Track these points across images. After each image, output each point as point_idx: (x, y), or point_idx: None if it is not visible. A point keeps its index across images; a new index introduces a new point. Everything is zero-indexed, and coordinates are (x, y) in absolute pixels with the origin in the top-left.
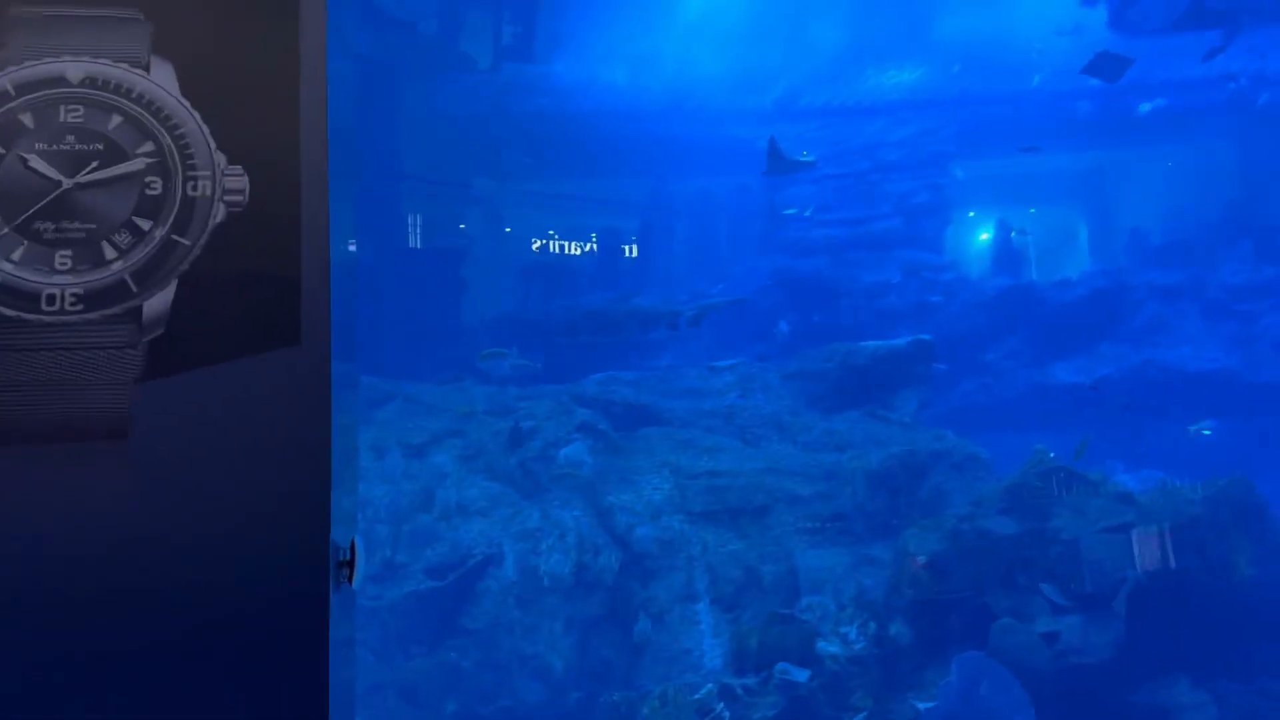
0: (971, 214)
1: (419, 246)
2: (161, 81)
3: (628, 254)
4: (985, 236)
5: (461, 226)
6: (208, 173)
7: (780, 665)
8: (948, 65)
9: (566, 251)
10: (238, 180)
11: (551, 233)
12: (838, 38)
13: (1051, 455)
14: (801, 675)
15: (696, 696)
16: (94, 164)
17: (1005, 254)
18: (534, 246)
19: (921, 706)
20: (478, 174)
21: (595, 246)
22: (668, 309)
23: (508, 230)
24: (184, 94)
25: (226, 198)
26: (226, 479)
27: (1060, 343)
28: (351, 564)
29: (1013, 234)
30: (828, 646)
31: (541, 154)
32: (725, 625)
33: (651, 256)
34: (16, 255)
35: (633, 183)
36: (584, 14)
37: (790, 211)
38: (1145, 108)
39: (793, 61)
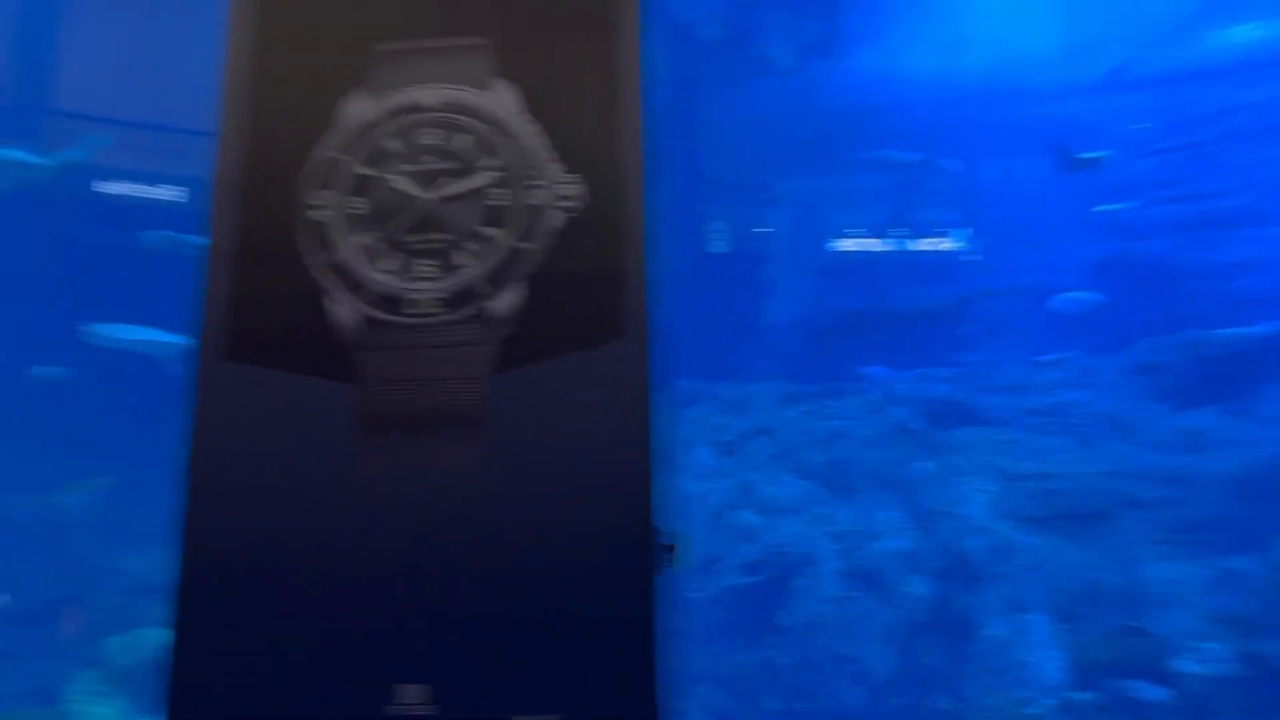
0: None
1: (722, 250)
2: (504, 101)
3: (941, 246)
4: None
5: (763, 229)
6: (546, 182)
7: (1129, 683)
8: None
9: (873, 247)
10: (573, 188)
11: (857, 230)
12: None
13: None
14: (1156, 694)
15: (1032, 710)
16: (448, 180)
17: None
18: (838, 244)
19: None
20: (779, 175)
21: (906, 239)
22: (983, 300)
23: (811, 229)
24: (524, 111)
25: (563, 204)
26: (562, 465)
27: None
28: (674, 549)
29: None
30: (1186, 665)
31: (844, 150)
32: (1062, 637)
33: (972, 246)
34: (388, 266)
35: (946, 171)
36: (889, 3)
37: (1093, 155)
38: None
39: (1123, 27)
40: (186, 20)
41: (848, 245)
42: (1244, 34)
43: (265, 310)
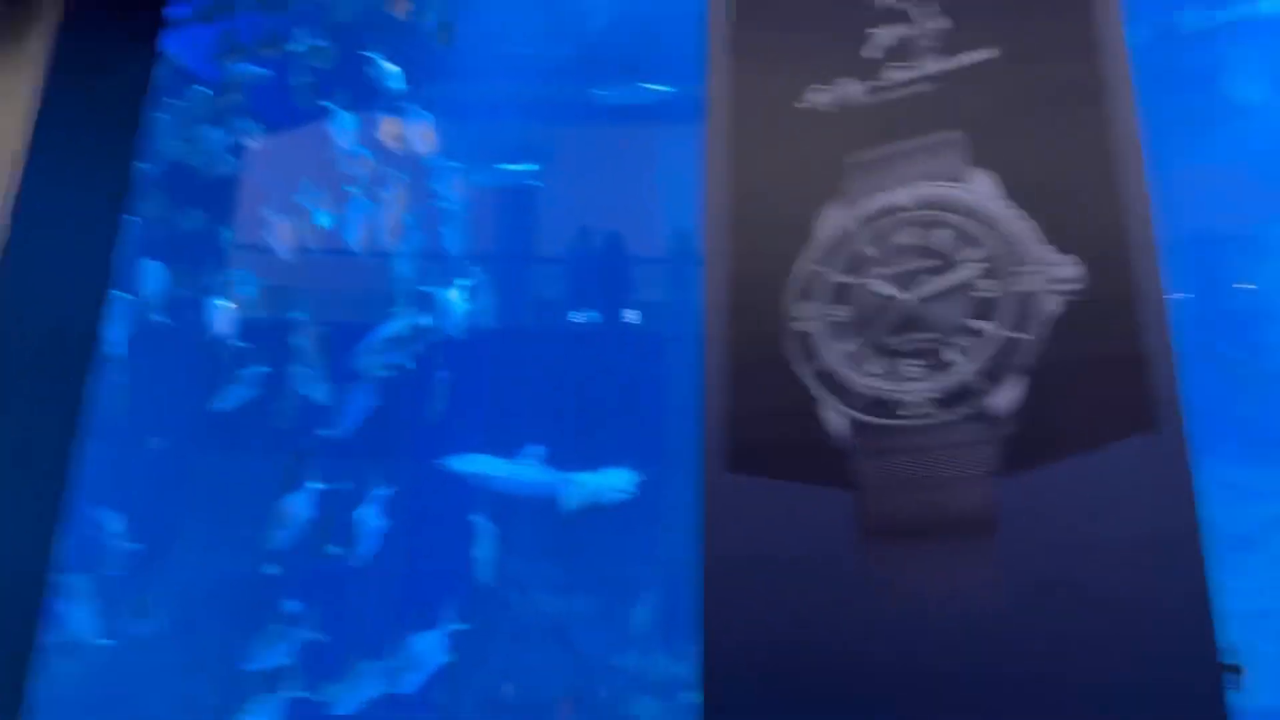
0: None
1: (1210, 309)
2: (982, 191)
3: None
4: None
5: (1250, 286)
6: (1037, 267)
7: None
8: None
9: None
10: (1068, 270)
11: None
12: None
13: None
14: None
15: None
16: (930, 278)
17: None
18: None
19: None
20: (1268, 221)
21: None
22: None
23: None
24: (1006, 196)
25: (1059, 286)
26: (1094, 571)
27: None
28: (1239, 670)
29: None
30: None
31: None
32: None
33: None
34: (876, 370)
35: None
36: None
37: None
38: None
39: None
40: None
41: None
42: None
43: (761, 421)
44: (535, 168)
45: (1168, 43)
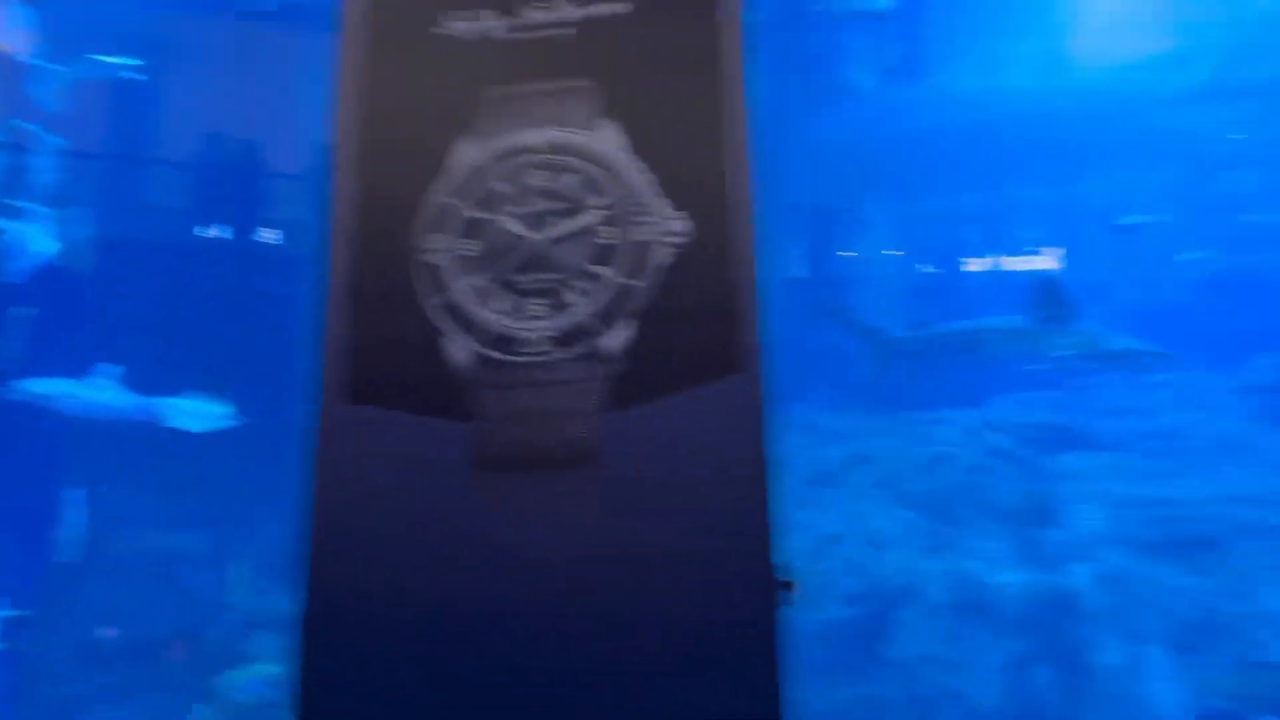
0: None
1: (811, 273)
2: (610, 140)
3: (1034, 265)
4: None
5: (850, 253)
6: (654, 218)
7: (1265, 719)
8: None
9: (965, 267)
10: (679, 223)
11: (948, 250)
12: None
13: None
14: None
15: None
16: (558, 220)
17: None
18: (929, 266)
19: None
20: (867, 197)
21: (998, 259)
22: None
23: (896, 253)
24: (631, 149)
25: (671, 239)
26: (679, 503)
27: None
28: (791, 586)
29: None
30: None
31: (933, 171)
32: (1184, 671)
33: (1068, 264)
34: (500, 306)
35: (1041, 189)
36: (976, 24)
37: (1133, 219)
38: None
39: (1219, 35)
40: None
41: (937, 267)
42: None
43: (382, 352)
44: (138, 61)
45: (795, 23)
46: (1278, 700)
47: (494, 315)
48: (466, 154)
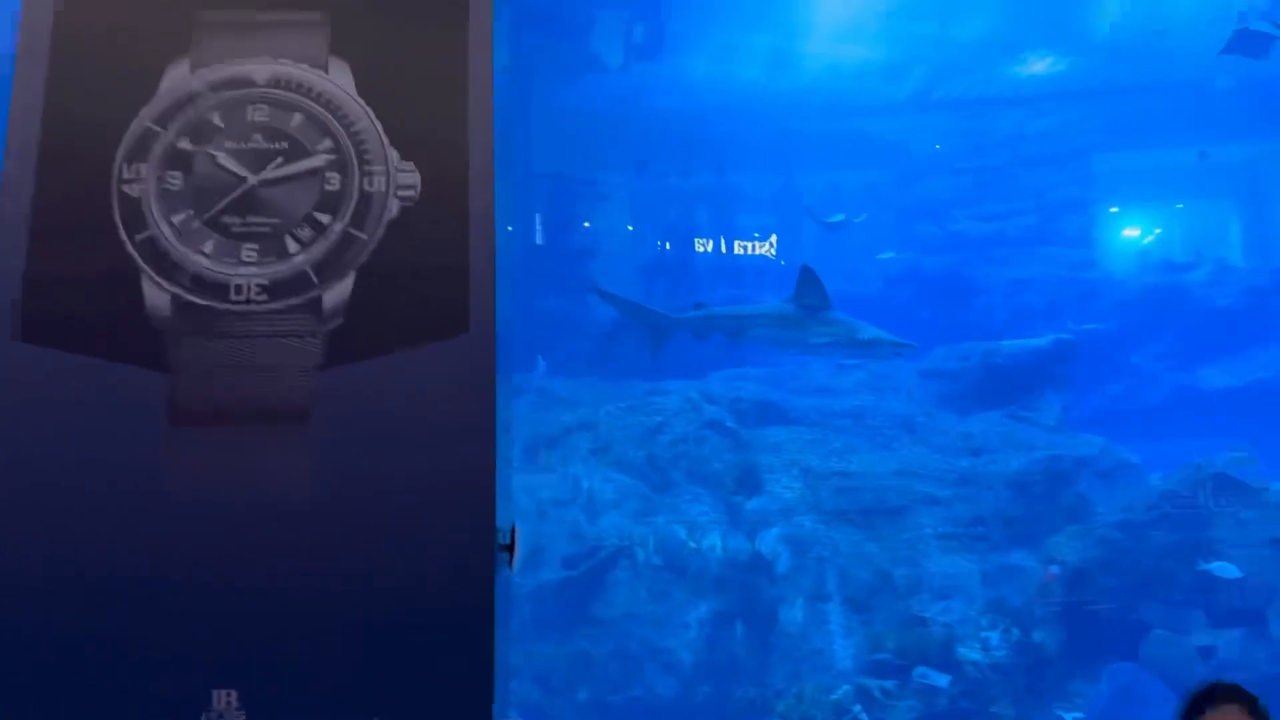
0: (1115, 209)
1: (549, 242)
2: (339, 81)
3: (756, 250)
4: (1131, 233)
5: (586, 224)
6: (382, 168)
7: (919, 669)
8: (1092, 55)
9: (695, 248)
10: (410, 176)
11: (680, 229)
12: (977, 27)
13: (1206, 463)
14: (942, 680)
15: (833, 697)
16: (278, 161)
17: (1149, 251)
18: (662, 242)
19: (1068, 717)
20: (606, 171)
21: (724, 242)
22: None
23: (631, 228)
24: (360, 93)
25: (400, 193)
26: (401, 461)
27: (1210, 345)
28: (512, 548)
29: (1156, 230)
30: (968, 652)
31: (671, 151)
32: (857, 627)
33: (780, 253)
34: (207, 248)
35: (763, 178)
36: (716, 12)
37: (837, 218)
38: None
39: (930, 52)
40: None
41: (669, 244)
42: (1035, 68)
43: (65, 288)
44: None
45: None
46: (930, 652)
47: (201, 258)
48: (179, 79)
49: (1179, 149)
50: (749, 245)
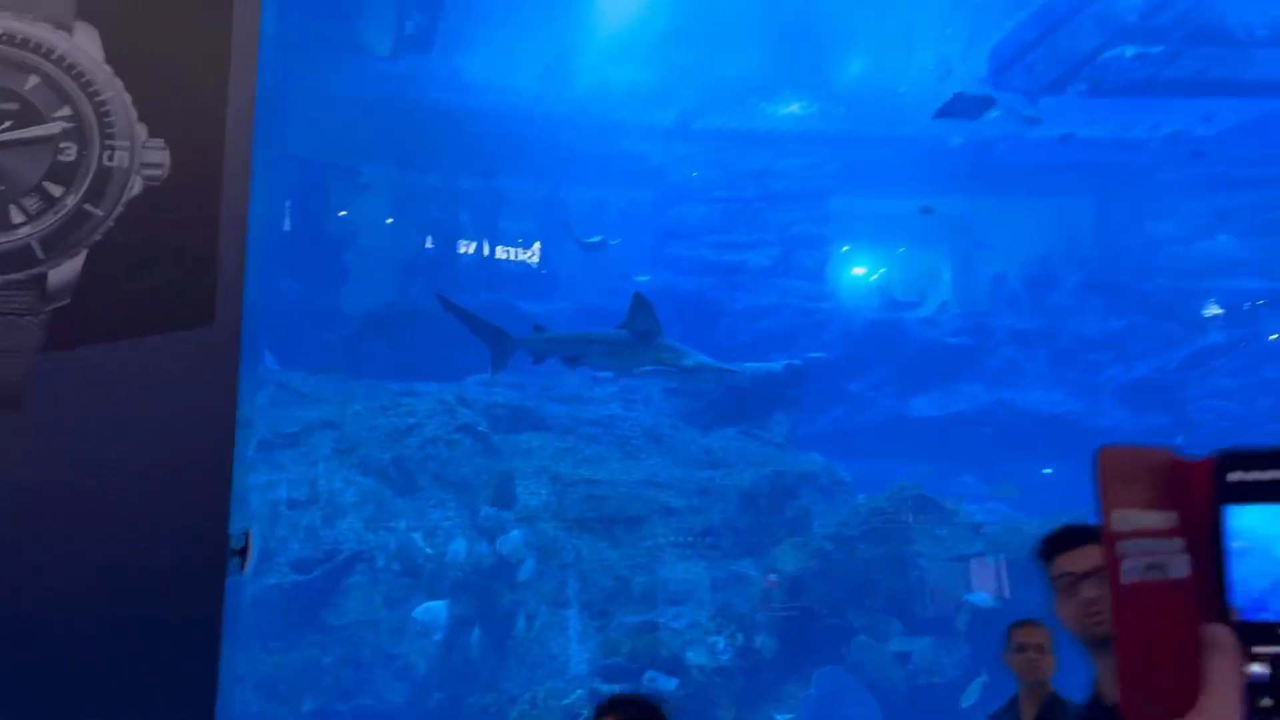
0: (846, 248)
1: (297, 228)
2: (85, 45)
3: (517, 256)
4: (859, 271)
5: (343, 213)
6: (127, 143)
7: (649, 673)
8: (836, 104)
9: (457, 249)
10: (159, 154)
11: (441, 228)
12: (739, 64)
13: (913, 483)
14: (670, 684)
15: (565, 702)
16: (7, 124)
17: (875, 289)
18: (422, 240)
19: (779, 719)
20: (367, 161)
21: (486, 245)
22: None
23: (390, 221)
24: (108, 60)
25: (145, 171)
26: (128, 456)
27: (920, 378)
28: (245, 553)
29: (881, 270)
30: (696, 657)
31: (435, 147)
32: (593, 632)
33: (541, 261)
34: None
35: (528, 186)
36: (493, 13)
37: (595, 239)
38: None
39: (695, 81)
40: None
41: (426, 240)
42: (788, 109)
43: None
44: None
45: None
46: (661, 657)
47: None
48: None
49: (906, 198)
50: (511, 251)
